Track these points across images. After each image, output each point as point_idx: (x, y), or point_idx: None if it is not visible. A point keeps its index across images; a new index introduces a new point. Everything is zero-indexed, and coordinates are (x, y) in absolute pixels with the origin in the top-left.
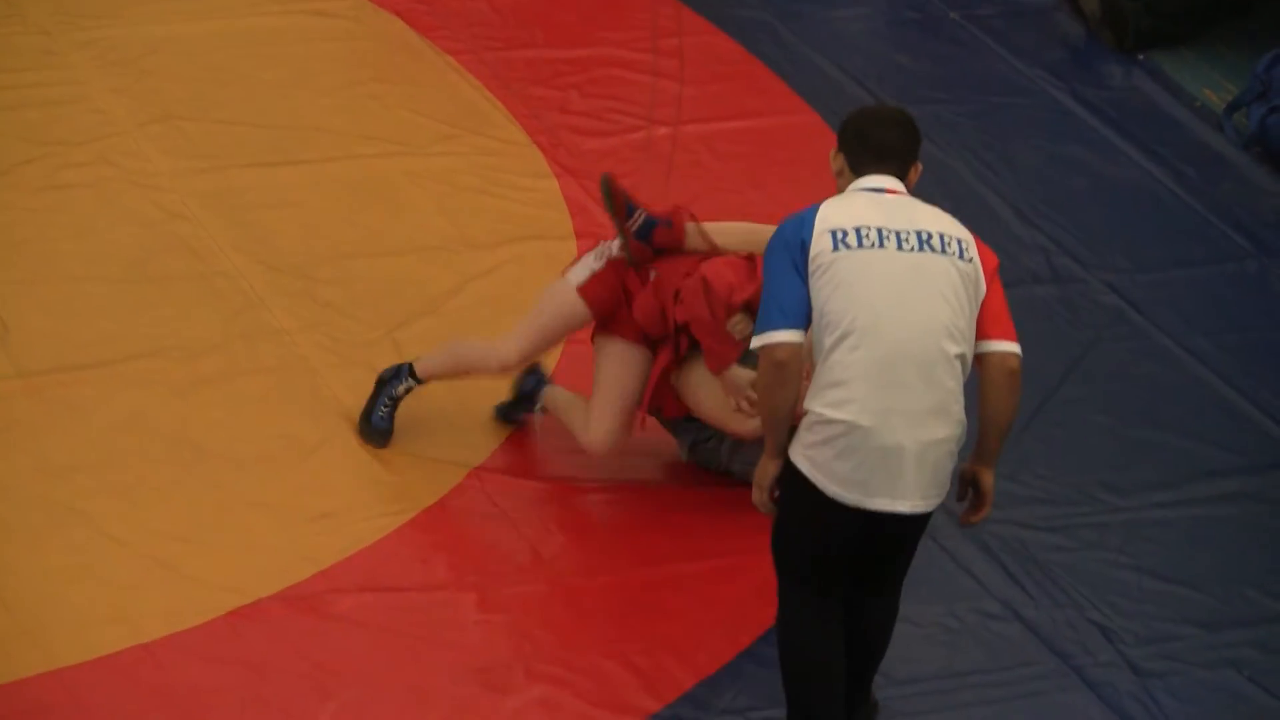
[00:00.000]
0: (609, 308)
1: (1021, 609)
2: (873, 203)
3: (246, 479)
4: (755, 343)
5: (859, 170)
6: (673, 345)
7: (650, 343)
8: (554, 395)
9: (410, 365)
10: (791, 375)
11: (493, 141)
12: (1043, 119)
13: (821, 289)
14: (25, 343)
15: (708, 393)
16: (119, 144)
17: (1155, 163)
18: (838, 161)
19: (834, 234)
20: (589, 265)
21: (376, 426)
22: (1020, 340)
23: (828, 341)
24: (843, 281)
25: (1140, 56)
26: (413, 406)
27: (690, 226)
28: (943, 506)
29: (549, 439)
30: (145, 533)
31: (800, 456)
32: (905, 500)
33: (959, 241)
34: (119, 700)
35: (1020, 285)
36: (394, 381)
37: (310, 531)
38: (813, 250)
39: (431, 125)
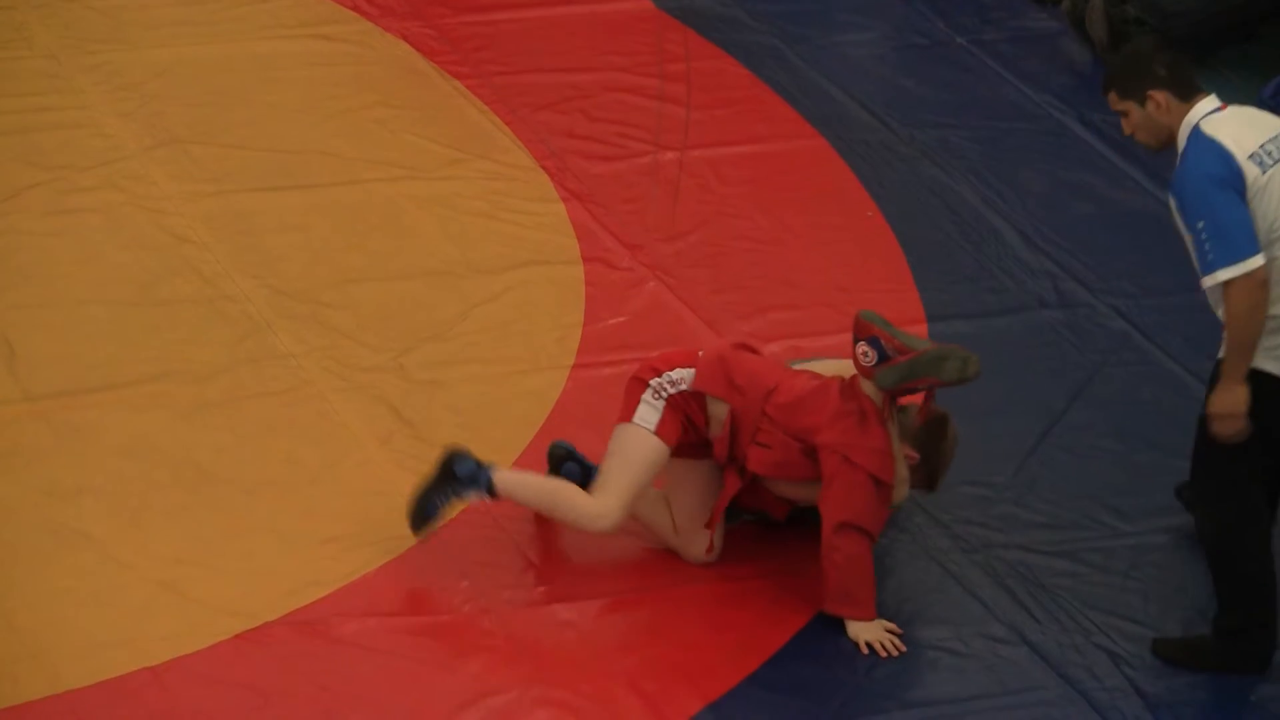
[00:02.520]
0: (682, 441)
1: (1028, 633)
2: (1233, 120)
3: (252, 503)
4: (1232, 272)
5: (1188, 97)
6: (736, 471)
7: (705, 452)
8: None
9: (490, 478)
10: (1269, 296)
11: (499, 166)
12: (1049, 144)
13: (1264, 208)
14: (32, 366)
15: (807, 487)
16: (125, 168)
17: (1162, 188)
18: (1158, 99)
19: (1254, 158)
20: (653, 407)
21: (429, 515)
22: (1027, 365)
23: None
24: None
25: None
26: (419, 434)
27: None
28: (948, 531)
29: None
30: (151, 556)
31: (1271, 362)
32: None
33: None
34: None
35: (1027, 310)
36: (467, 485)
37: (316, 556)
38: (1248, 178)
39: (438, 150)
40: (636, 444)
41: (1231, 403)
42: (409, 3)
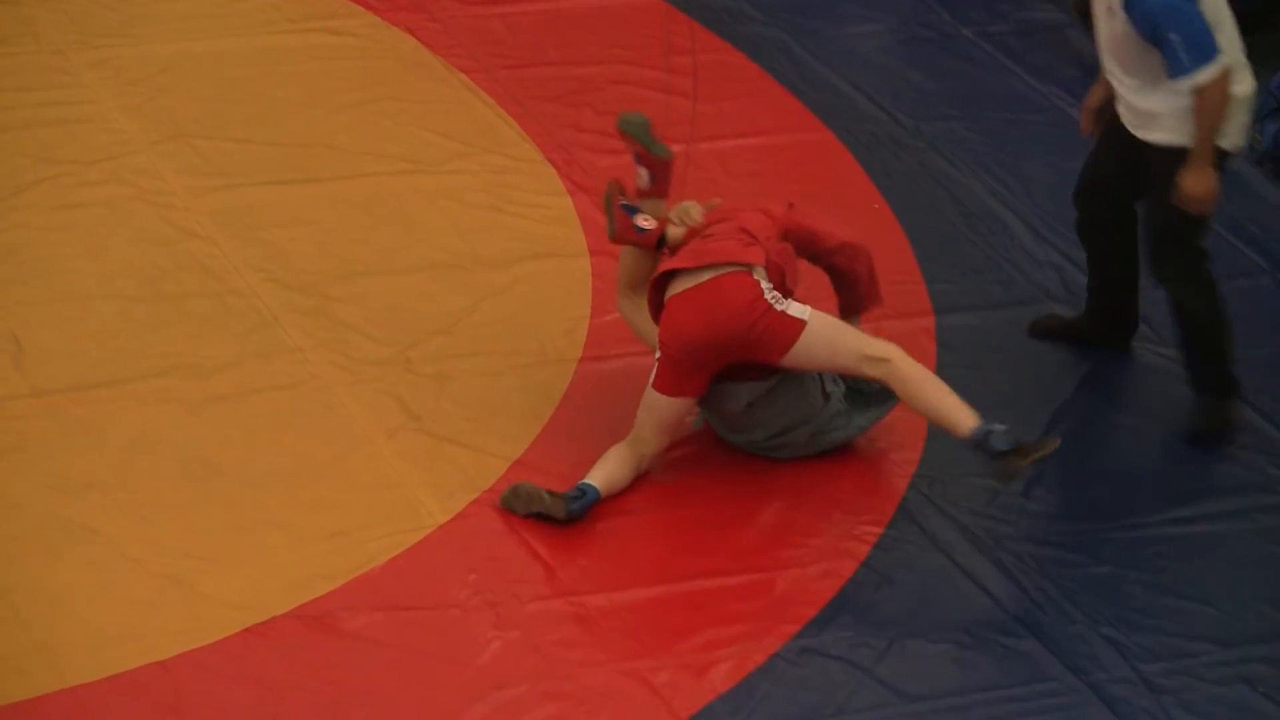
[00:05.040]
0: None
1: (1036, 626)
2: None
3: (260, 497)
4: (1210, 71)
5: None
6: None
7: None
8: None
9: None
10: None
11: (506, 159)
12: (1056, 136)
13: (1209, 5)
14: (39, 361)
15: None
16: (132, 163)
17: None
18: None
19: None
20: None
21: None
22: (1034, 357)
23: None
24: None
25: None
26: (426, 428)
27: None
28: (957, 524)
29: (559, 462)
30: (159, 550)
31: (1228, 143)
32: None
33: None
34: (133, 719)
35: (1034, 302)
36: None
37: (324, 549)
38: None
39: (444, 143)
40: (649, 403)
41: (1208, 184)
42: None
